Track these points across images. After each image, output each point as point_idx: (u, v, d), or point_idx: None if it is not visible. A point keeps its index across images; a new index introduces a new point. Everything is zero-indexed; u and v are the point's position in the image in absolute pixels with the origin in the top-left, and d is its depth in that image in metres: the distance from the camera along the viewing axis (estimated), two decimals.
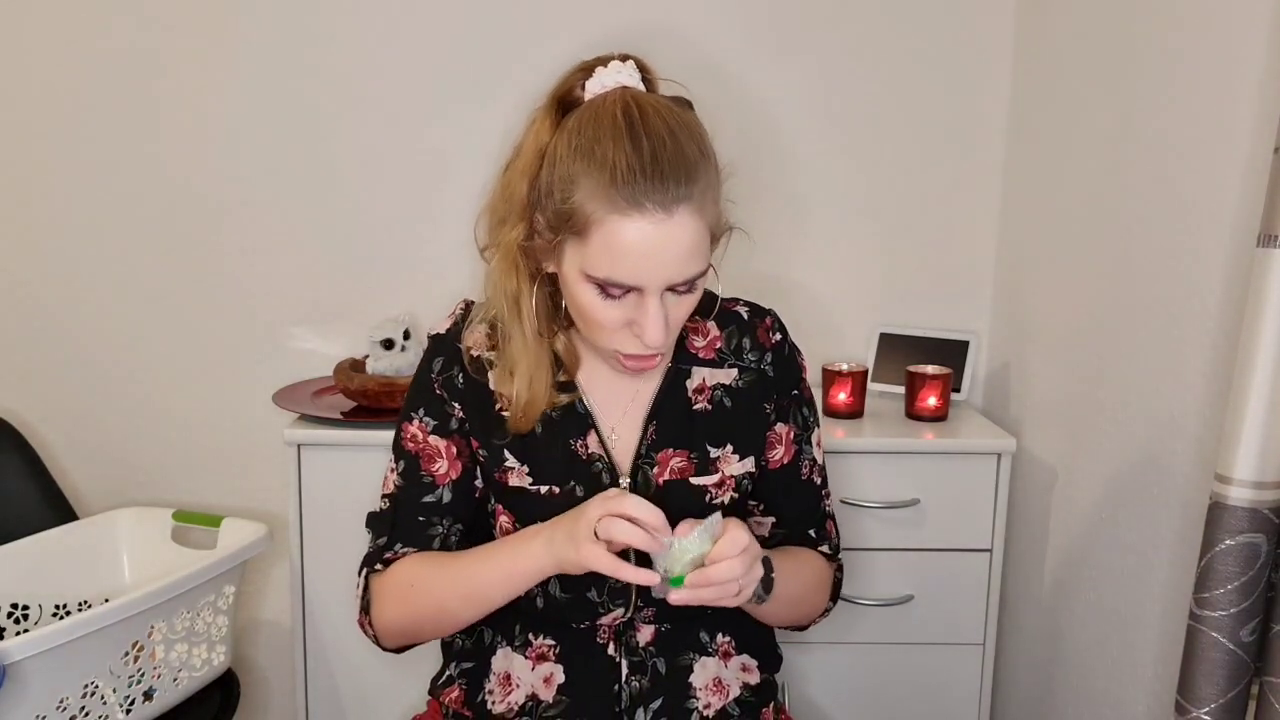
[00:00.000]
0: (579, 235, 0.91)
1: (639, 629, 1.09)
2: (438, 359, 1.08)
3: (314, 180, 1.76)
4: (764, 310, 1.14)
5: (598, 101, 0.94)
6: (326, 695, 1.63)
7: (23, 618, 1.52)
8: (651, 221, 0.89)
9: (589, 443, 1.06)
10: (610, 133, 0.90)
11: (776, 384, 1.11)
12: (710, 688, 1.10)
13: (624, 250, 0.90)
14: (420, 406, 1.08)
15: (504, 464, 1.06)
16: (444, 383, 1.07)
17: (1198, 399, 1.19)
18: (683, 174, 0.90)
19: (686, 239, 0.91)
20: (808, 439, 1.14)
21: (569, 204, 0.91)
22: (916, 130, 1.76)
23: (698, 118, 0.99)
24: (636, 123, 0.90)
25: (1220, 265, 1.14)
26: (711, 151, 0.95)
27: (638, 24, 1.71)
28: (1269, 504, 0.93)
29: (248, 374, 1.81)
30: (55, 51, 1.72)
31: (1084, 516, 1.46)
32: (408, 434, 1.08)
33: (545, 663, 1.09)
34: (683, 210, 0.90)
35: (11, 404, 1.81)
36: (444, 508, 1.07)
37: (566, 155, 0.92)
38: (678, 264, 0.91)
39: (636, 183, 0.88)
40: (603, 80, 0.95)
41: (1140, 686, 1.31)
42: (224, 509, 1.79)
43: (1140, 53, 1.32)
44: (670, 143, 0.90)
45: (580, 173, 0.90)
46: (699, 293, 0.98)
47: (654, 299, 0.92)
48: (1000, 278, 1.79)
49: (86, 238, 1.77)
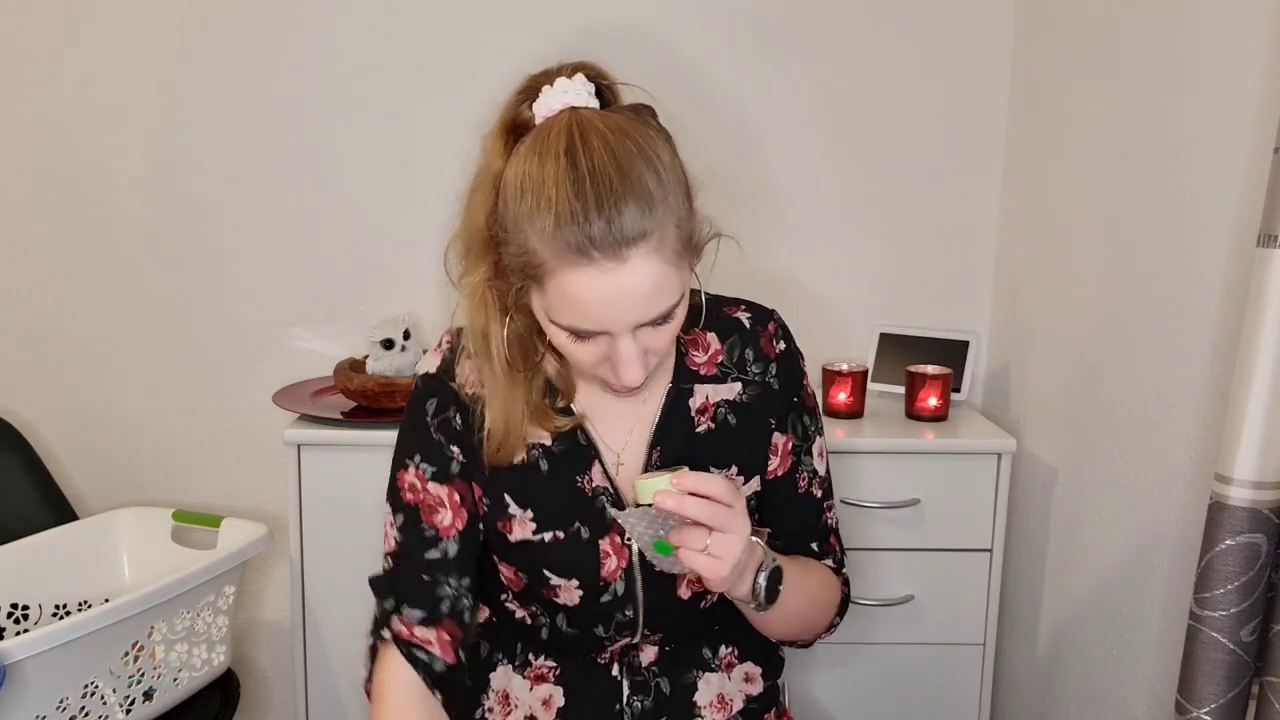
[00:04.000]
0: (538, 284, 0.86)
1: (642, 649, 1.07)
2: (431, 400, 1.02)
3: (314, 180, 1.76)
4: (766, 314, 1.08)
5: (543, 129, 0.87)
6: (326, 695, 1.63)
7: (23, 618, 1.52)
8: (602, 271, 0.82)
9: (593, 475, 1.02)
10: (554, 169, 0.83)
11: (781, 396, 1.06)
12: (714, 705, 1.08)
13: (579, 302, 0.84)
14: (416, 452, 1.01)
15: (506, 511, 1.01)
16: (440, 425, 1.01)
17: (1198, 399, 1.19)
18: (634, 209, 0.82)
19: (645, 284, 0.84)
20: (807, 449, 1.09)
21: (525, 254, 0.85)
22: (917, 130, 1.76)
23: (658, 128, 0.91)
24: (579, 156, 0.83)
25: (1220, 265, 1.14)
26: (668, 173, 0.86)
27: (637, 19, 1.72)
28: (1269, 504, 0.93)
29: (248, 374, 1.81)
30: (54, 52, 1.72)
31: (1084, 516, 1.46)
32: (404, 483, 1.01)
33: (544, 684, 1.07)
34: (636, 254, 0.82)
35: (11, 404, 1.81)
36: (451, 564, 1.00)
37: (514, 195, 0.85)
38: (642, 306, 0.85)
39: (580, 228, 0.81)
40: (549, 102, 0.88)
41: (1140, 686, 1.31)
42: (224, 509, 1.79)
43: (1140, 53, 1.32)
44: (617, 179, 0.82)
45: (526, 216, 0.84)
46: (678, 320, 0.91)
47: (625, 340, 0.87)
48: (1000, 278, 1.79)
49: (86, 238, 1.77)
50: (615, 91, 0.94)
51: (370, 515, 1.14)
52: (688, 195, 0.89)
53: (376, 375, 1.61)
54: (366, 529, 1.11)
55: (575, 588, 1.01)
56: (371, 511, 1.14)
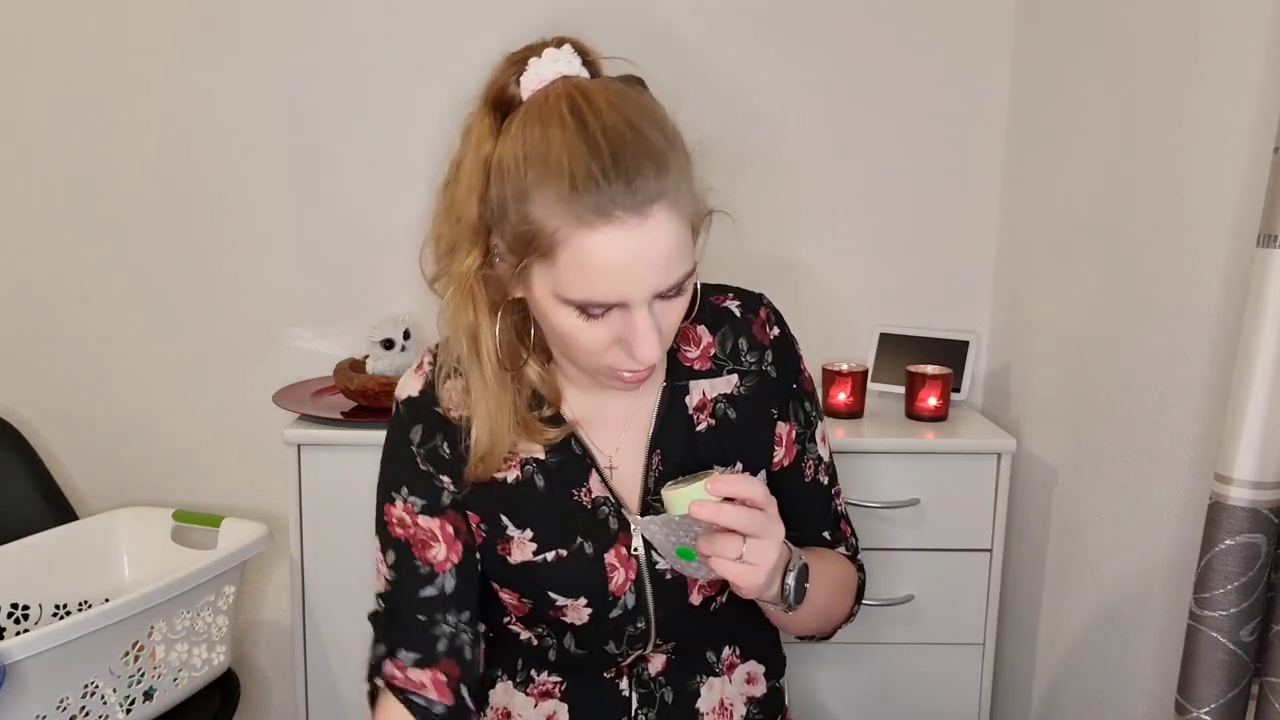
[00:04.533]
0: (545, 257, 0.80)
1: (650, 659, 1.04)
2: (416, 428, 0.96)
3: (314, 179, 1.76)
4: (755, 299, 1.03)
5: (539, 98, 0.83)
6: (326, 695, 1.63)
7: (23, 618, 1.52)
8: (624, 230, 0.78)
9: (591, 486, 0.97)
10: (560, 134, 0.79)
11: (779, 383, 1.02)
12: (716, 712, 1.07)
13: (599, 268, 0.79)
14: (403, 485, 0.96)
15: (504, 533, 0.97)
16: (428, 455, 0.96)
17: (1198, 399, 1.19)
18: (650, 168, 0.78)
19: (668, 240, 0.80)
20: (810, 436, 1.05)
21: (528, 224, 0.80)
22: (916, 131, 1.76)
23: (653, 97, 0.88)
24: (587, 117, 0.79)
25: (1220, 265, 1.14)
26: (677, 133, 0.84)
27: (635, 15, 1.72)
28: (1269, 504, 0.93)
29: (248, 374, 1.81)
30: (54, 53, 1.72)
31: (1084, 516, 1.46)
32: (392, 518, 0.96)
33: (550, 700, 1.04)
34: (658, 209, 0.79)
35: (11, 404, 1.81)
36: (448, 600, 0.95)
37: (515, 167, 0.81)
38: (663, 270, 0.81)
39: (600, 188, 0.77)
40: (539, 73, 0.84)
41: (1140, 686, 1.31)
42: (224, 509, 1.79)
43: (1140, 53, 1.32)
44: (630, 134, 0.79)
45: (534, 185, 0.79)
46: (688, 295, 0.87)
47: (642, 312, 0.82)
48: (1000, 278, 1.79)
49: (86, 237, 1.77)
50: (600, 67, 0.89)
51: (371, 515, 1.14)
52: (690, 162, 0.86)
53: (376, 375, 1.61)
54: (367, 529, 1.10)
55: (584, 606, 0.97)
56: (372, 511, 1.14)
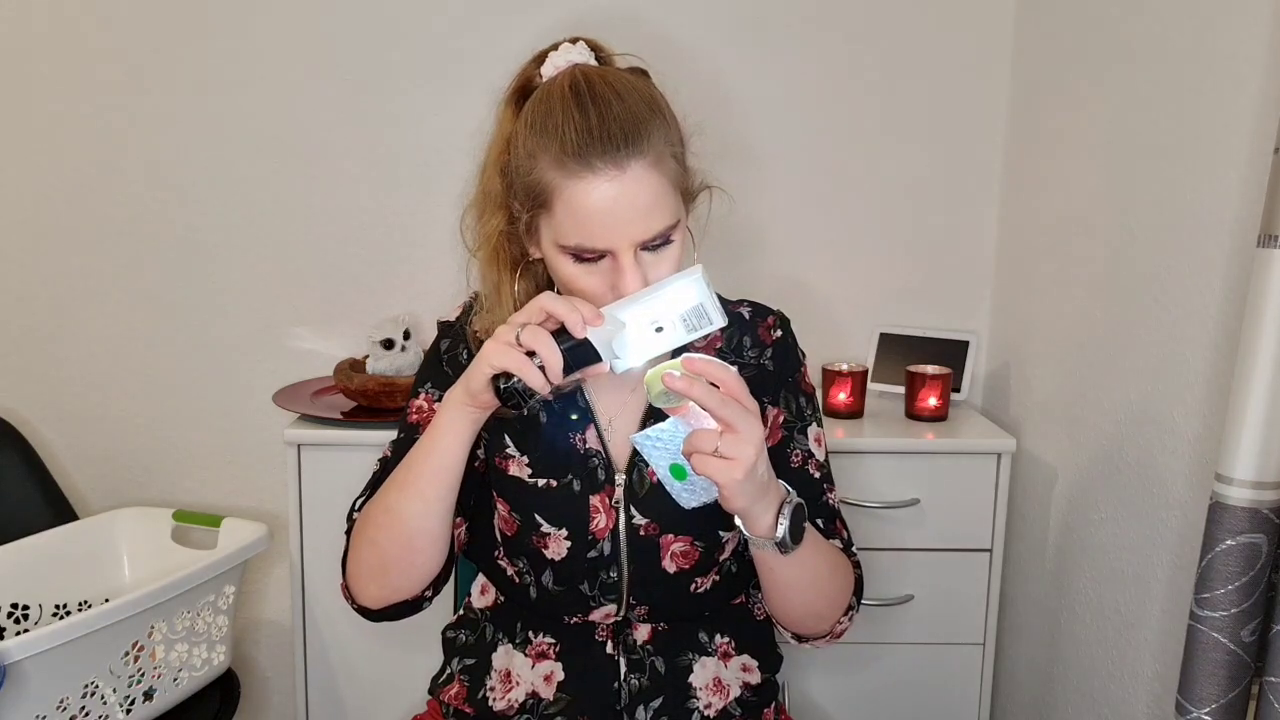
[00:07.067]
0: (545, 208, 0.93)
1: (635, 627, 1.09)
2: (445, 340, 1.11)
3: (314, 179, 1.76)
4: (768, 310, 1.13)
5: (550, 82, 0.96)
6: (326, 695, 1.63)
7: (23, 618, 1.52)
8: (606, 179, 0.90)
9: (588, 438, 1.06)
10: (560, 105, 0.92)
11: (775, 376, 1.09)
12: (710, 688, 1.09)
13: (585, 214, 0.91)
14: (428, 381, 1.10)
15: (505, 450, 1.07)
16: (450, 360, 1.09)
17: (1198, 399, 1.19)
18: (630, 129, 0.91)
19: (645, 193, 0.91)
20: (801, 429, 1.10)
21: (534, 182, 0.93)
22: (917, 130, 1.76)
23: (652, 83, 1.01)
24: (583, 92, 0.93)
25: (1220, 265, 1.14)
26: (665, 107, 0.97)
27: (636, 12, 1.72)
28: (1269, 504, 0.93)
29: (248, 374, 1.81)
30: (54, 52, 1.72)
31: (1084, 516, 1.46)
32: (413, 407, 1.09)
33: (545, 660, 1.09)
34: (635, 165, 0.90)
35: (11, 404, 1.81)
36: None
37: (525, 135, 0.94)
38: (641, 219, 0.92)
39: (585, 145, 0.90)
40: (555, 63, 0.98)
41: (1140, 686, 1.31)
42: (224, 509, 1.79)
43: (1140, 53, 1.32)
44: (616, 103, 0.92)
45: (537, 148, 0.92)
46: (676, 248, 0.96)
47: (628, 258, 0.92)
48: (1000, 278, 1.79)
49: (86, 238, 1.77)
50: (612, 62, 1.02)
51: None
52: (682, 141, 0.97)
53: (376, 375, 1.61)
54: None
55: (564, 538, 1.04)
56: None
